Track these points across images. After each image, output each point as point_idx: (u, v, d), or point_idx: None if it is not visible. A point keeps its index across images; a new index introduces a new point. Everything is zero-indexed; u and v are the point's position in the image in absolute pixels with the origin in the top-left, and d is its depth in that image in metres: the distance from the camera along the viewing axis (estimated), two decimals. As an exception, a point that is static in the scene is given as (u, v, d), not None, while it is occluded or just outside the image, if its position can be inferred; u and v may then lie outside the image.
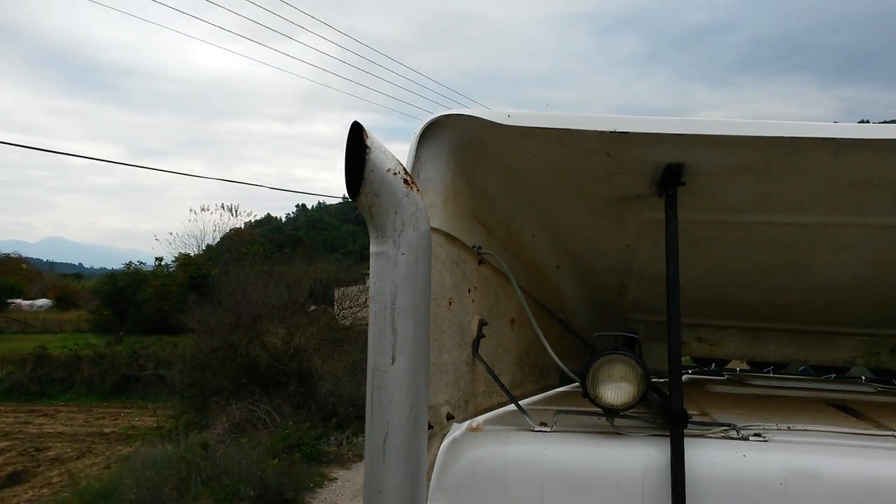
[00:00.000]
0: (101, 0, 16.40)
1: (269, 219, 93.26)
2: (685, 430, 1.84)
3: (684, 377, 3.51)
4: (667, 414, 1.88)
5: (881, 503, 1.74)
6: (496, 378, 2.17)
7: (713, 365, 3.85)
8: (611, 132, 1.89)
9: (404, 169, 1.69)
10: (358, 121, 1.67)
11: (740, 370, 4.01)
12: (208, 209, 38.39)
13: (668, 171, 2.03)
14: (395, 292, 1.67)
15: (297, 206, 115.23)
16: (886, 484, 1.77)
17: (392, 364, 1.67)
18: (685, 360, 3.99)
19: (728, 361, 3.94)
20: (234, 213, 40.00)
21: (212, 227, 39.22)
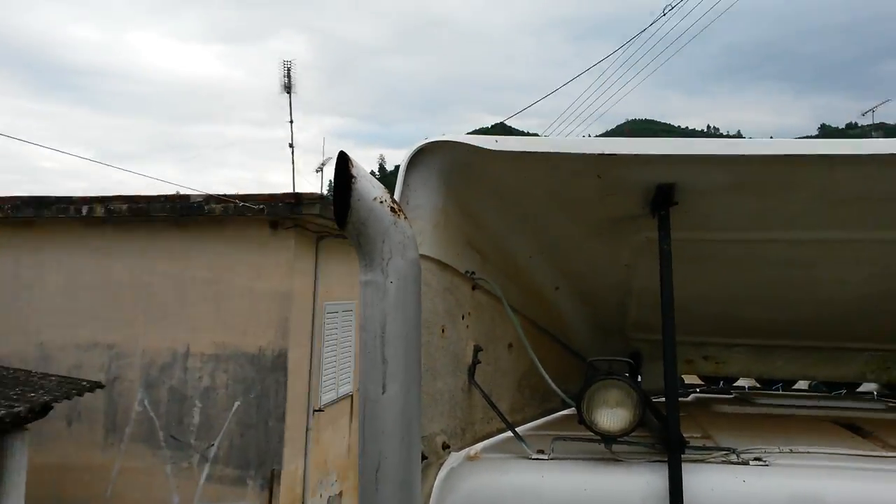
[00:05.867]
0: None
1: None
2: (684, 456, 1.80)
3: (690, 396, 3.47)
4: (665, 439, 1.85)
5: None
6: (492, 405, 2.15)
7: (721, 383, 3.80)
8: (598, 155, 1.88)
9: (391, 197, 1.70)
10: (344, 151, 1.68)
11: (749, 387, 3.96)
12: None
13: (659, 191, 2.01)
14: (385, 321, 1.66)
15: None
16: None
17: (383, 394, 1.66)
18: (693, 378, 3.94)
19: (737, 379, 3.89)
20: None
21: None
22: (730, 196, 2.09)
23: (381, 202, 1.65)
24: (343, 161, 1.63)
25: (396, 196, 1.90)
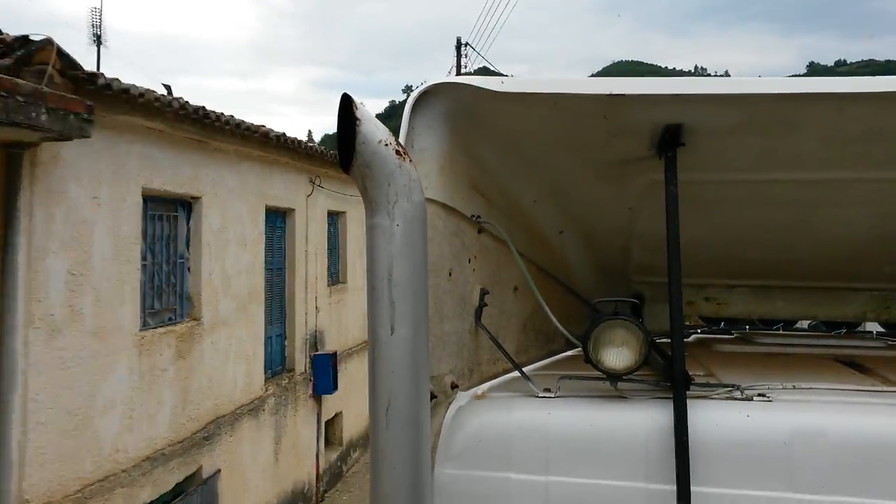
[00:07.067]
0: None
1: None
2: (688, 392, 1.84)
3: (692, 337, 3.51)
4: (670, 376, 1.89)
5: (886, 460, 1.74)
6: (499, 346, 2.18)
7: (722, 323, 3.85)
8: (607, 95, 1.86)
9: (396, 140, 1.68)
10: (347, 93, 1.66)
11: (750, 328, 4.00)
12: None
13: (666, 132, 2.00)
14: (392, 263, 1.67)
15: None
16: (891, 440, 1.77)
17: (392, 335, 1.68)
18: (695, 319, 3.99)
19: (738, 320, 3.93)
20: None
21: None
22: (736, 136, 2.07)
23: (386, 145, 1.63)
24: (347, 103, 1.61)
25: (401, 139, 1.88)
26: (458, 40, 21.93)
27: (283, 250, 10.96)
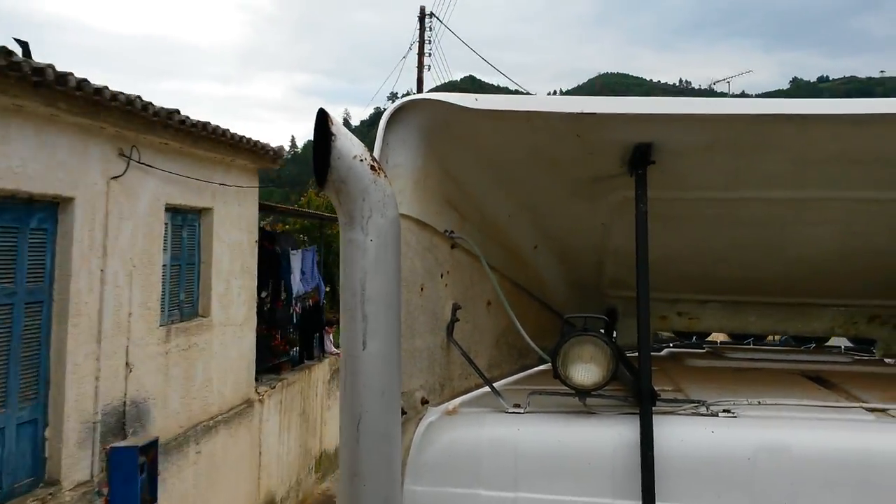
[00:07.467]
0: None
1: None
2: (655, 408, 1.86)
3: (664, 351, 3.55)
4: (637, 392, 1.91)
5: (849, 475, 1.77)
6: (470, 361, 2.19)
7: (693, 338, 3.90)
8: (578, 113, 1.89)
9: (371, 156, 1.70)
10: (323, 108, 1.67)
11: (721, 342, 4.06)
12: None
13: (637, 150, 2.03)
14: (365, 279, 1.68)
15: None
16: (854, 455, 1.80)
17: (363, 350, 1.69)
18: (667, 334, 4.04)
19: (709, 334, 3.99)
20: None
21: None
22: (705, 155, 2.11)
23: (362, 160, 1.65)
24: (322, 119, 1.62)
25: (376, 155, 1.90)
26: (422, 10, 20.82)
27: (46, 270, 6.18)
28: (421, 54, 20.73)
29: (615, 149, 2.07)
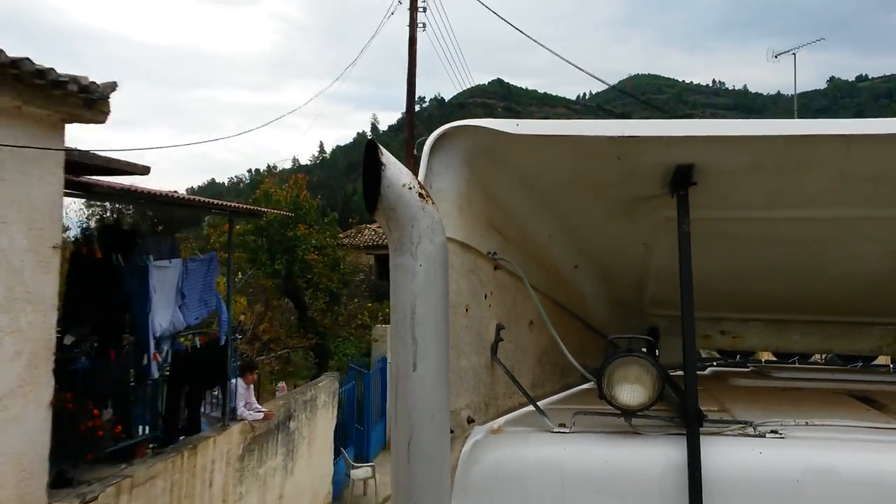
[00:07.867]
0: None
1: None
2: (702, 429, 1.87)
3: (707, 370, 3.53)
4: (683, 412, 1.92)
5: None
6: (514, 380, 2.22)
7: (738, 356, 3.86)
8: (619, 137, 1.93)
9: (419, 183, 1.76)
10: (373, 139, 1.74)
11: (766, 361, 4.01)
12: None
13: (678, 171, 2.06)
14: (415, 302, 1.73)
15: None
16: None
17: (413, 371, 1.73)
18: (710, 352, 4.00)
19: (753, 353, 3.95)
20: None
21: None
22: (747, 175, 2.12)
23: (410, 188, 1.71)
24: (372, 149, 1.69)
25: (420, 180, 1.96)
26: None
27: None
28: (413, 8, 18.26)
29: (656, 170, 2.10)
